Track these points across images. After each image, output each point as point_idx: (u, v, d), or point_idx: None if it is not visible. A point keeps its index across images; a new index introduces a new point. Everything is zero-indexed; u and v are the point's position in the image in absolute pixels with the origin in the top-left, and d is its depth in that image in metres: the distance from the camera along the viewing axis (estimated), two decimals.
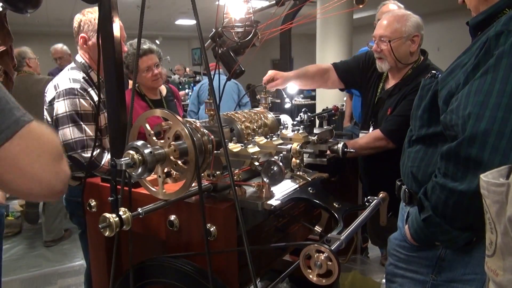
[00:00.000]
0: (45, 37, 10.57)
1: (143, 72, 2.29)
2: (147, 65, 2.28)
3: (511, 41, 0.99)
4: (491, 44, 1.02)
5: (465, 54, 1.16)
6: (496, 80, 1.00)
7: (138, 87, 2.39)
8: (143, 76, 2.30)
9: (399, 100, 1.87)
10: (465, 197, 1.01)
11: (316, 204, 1.23)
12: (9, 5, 1.28)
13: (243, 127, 1.31)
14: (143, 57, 2.27)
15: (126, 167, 0.97)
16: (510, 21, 1.04)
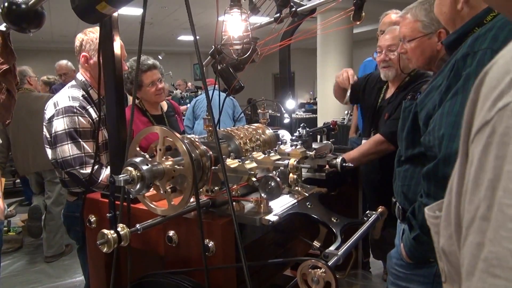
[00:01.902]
0: (49, 54, 10.72)
1: (147, 86, 2.32)
2: (151, 80, 2.32)
3: (476, 62, 1.03)
4: (459, 66, 1.07)
5: (439, 75, 1.20)
6: (465, 100, 1.03)
7: (140, 103, 2.42)
8: (147, 91, 2.33)
9: (397, 105, 1.96)
10: None
11: (314, 219, 1.24)
12: (12, 25, 1.32)
13: (241, 143, 1.33)
14: (147, 72, 2.31)
15: (125, 183, 0.98)
16: (474, 42, 1.09)
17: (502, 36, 1.04)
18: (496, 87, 0.34)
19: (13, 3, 1.28)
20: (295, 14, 1.97)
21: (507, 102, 0.32)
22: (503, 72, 0.34)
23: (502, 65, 0.35)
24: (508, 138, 0.32)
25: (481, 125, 0.35)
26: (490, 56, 1.07)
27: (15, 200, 5.40)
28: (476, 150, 0.35)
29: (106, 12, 1.02)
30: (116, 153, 1.35)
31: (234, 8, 1.33)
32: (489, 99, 0.34)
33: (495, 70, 0.35)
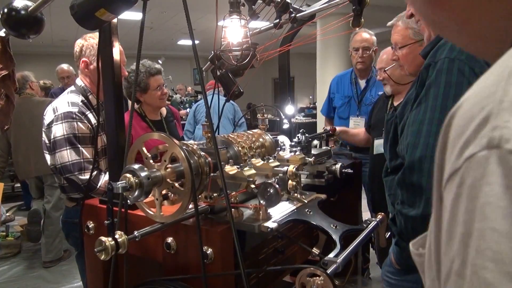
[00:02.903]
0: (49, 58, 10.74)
1: (153, 90, 2.35)
2: (158, 84, 2.36)
3: (436, 72, 1.07)
4: (423, 76, 1.11)
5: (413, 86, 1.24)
6: (427, 109, 1.09)
7: (139, 108, 2.42)
8: (153, 94, 2.36)
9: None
10: (417, 221, 1.08)
11: (313, 226, 1.23)
12: (12, 31, 1.32)
13: (240, 149, 1.32)
14: (155, 76, 2.35)
15: (123, 190, 0.98)
16: (436, 52, 1.13)
17: None
18: (462, 134, 0.33)
19: (13, 9, 1.29)
20: (295, 20, 1.98)
21: (473, 152, 0.31)
22: (468, 118, 0.33)
23: (467, 110, 0.34)
24: (476, 191, 0.31)
25: (451, 173, 0.34)
26: (447, 65, 1.11)
27: (14, 205, 5.39)
28: (448, 198, 0.34)
29: (105, 18, 1.02)
30: (114, 159, 1.35)
31: (234, 14, 1.34)
32: (456, 146, 0.34)
33: (460, 114, 0.35)
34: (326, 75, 6.95)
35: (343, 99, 3.02)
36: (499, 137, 0.30)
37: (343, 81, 3.08)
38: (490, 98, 0.32)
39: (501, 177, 0.29)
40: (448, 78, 1.08)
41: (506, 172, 0.29)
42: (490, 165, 0.30)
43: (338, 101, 3.05)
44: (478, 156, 0.31)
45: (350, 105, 2.97)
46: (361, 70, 2.92)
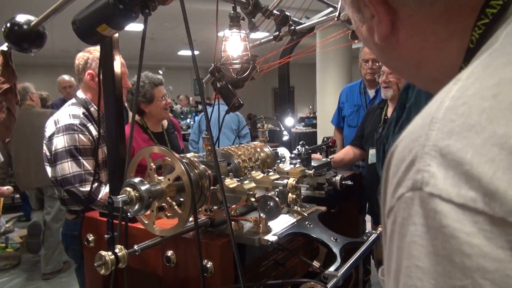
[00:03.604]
0: (50, 68, 10.80)
1: (158, 100, 2.37)
2: (162, 94, 2.39)
3: (415, 93, 1.08)
4: (403, 98, 1.11)
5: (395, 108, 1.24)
6: None
7: (141, 120, 2.43)
8: (158, 104, 2.38)
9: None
10: None
11: (314, 239, 1.23)
12: (14, 45, 1.33)
13: (240, 162, 1.33)
14: (159, 86, 2.38)
15: (123, 204, 0.98)
16: None
17: None
18: (396, 173, 0.35)
19: (15, 24, 1.30)
20: (294, 33, 2.00)
21: (402, 192, 0.33)
22: (401, 159, 0.35)
23: (401, 151, 0.36)
24: (404, 230, 0.33)
25: (388, 210, 0.36)
26: None
27: (13, 216, 5.38)
28: (386, 233, 0.36)
29: (106, 33, 1.03)
30: (115, 172, 1.35)
31: (234, 28, 1.35)
32: (392, 185, 0.36)
33: (396, 154, 0.36)
34: (326, 86, 6.99)
35: (352, 108, 3.09)
36: (420, 180, 0.32)
37: (352, 91, 3.16)
38: (416, 142, 0.34)
39: (423, 217, 0.31)
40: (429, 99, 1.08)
41: (426, 213, 0.31)
42: (414, 206, 0.32)
43: (348, 110, 3.13)
44: (405, 197, 0.33)
45: (359, 114, 3.03)
46: (370, 80, 3.00)
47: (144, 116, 2.43)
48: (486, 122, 0.31)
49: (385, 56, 0.54)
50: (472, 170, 0.30)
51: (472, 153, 0.30)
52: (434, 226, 0.30)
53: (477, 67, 0.36)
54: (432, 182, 0.31)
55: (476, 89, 0.33)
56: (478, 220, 0.29)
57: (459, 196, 0.30)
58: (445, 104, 0.34)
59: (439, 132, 0.33)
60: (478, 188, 0.29)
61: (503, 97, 0.31)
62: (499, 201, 0.28)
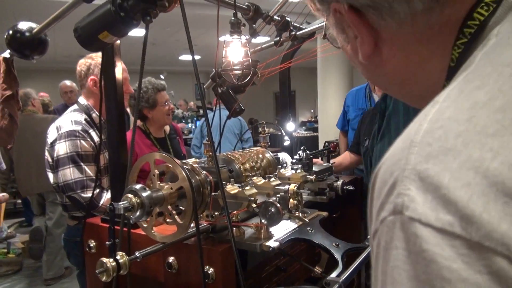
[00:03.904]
0: (52, 73, 10.84)
1: (161, 105, 2.38)
2: (165, 99, 2.40)
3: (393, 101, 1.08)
4: (382, 107, 1.10)
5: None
6: (390, 141, 1.06)
7: (144, 125, 2.44)
8: (161, 109, 2.39)
9: None
10: None
11: (315, 244, 1.23)
12: (16, 52, 1.34)
13: (241, 167, 1.33)
14: (162, 92, 2.39)
15: (125, 211, 0.98)
16: None
17: None
18: (379, 196, 0.36)
19: (17, 31, 1.31)
20: (295, 38, 2.00)
21: (384, 216, 0.34)
22: (383, 181, 0.35)
23: (383, 173, 0.36)
24: (388, 254, 0.33)
25: (373, 232, 0.36)
26: None
27: (15, 221, 5.38)
28: (372, 255, 0.37)
29: (108, 41, 1.04)
30: (116, 178, 1.35)
31: (234, 34, 1.36)
32: (376, 207, 0.36)
33: (379, 176, 0.37)
34: (327, 89, 6.99)
35: (357, 112, 3.10)
36: (401, 203, 0.32)
37: (358, 95, 3.17)
38: (397, 165, 0.34)
39: (404, 242, 0.32)
40: (406, 105, 1.08)
41: (407, 238, 0.31)
42: (396, 230, 0.32)
43: (352, 113, 3.14)
44: (387, 220, 0.34)
45: None
46: None
47: (146, 121, 2.44)
48: (461, 145, 0.31)
49: (369, 74, 0.55)
50: (449, 194, 0.30)
51: (449, 177, 0.30)
52: (415, 251, 0.31)
53: (453, 89, 0.37)
54: (412, 206, 0.31)
55: (451, 113, 0.34)
56: (456, 244, 0.29)
57: (438, 220, 0.30)
58: (423, 127, 0.35)
59: (418, 155, 0.33)
60: (455, 212, 0.29)
61: (477, 121, 0.32)
62: (475, 225, 0.29)
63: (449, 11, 0.43)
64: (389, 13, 0.45)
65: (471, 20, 0.42)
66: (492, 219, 0.28)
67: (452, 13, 0.43)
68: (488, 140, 0.31)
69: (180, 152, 2.56)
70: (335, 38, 0.55)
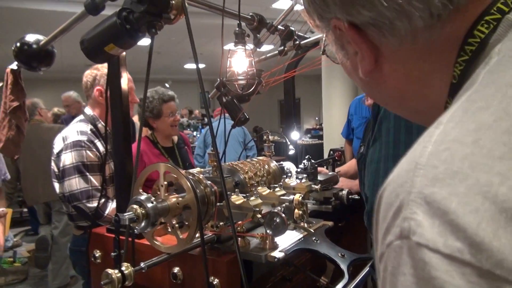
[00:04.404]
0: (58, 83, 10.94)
1: (166, 116, 2.37)
2: (171, 110, 2.38)
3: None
4: (375, 111, 1.08)
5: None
6: (381, 146, 1.06)
7: (152, 135, 2.45)
8: (165, 120, 2.37)
9: None
10: None
11: (321, 255, 1.22)
12: (23, 64, 1.36)
13: (246, 177, 1.33)
14: (168, 102, 2.37)
15: (130, 222, 0.98)
16: None
17: None
18: (384, 219, 0.35)
19: (25, 44, 1.33)
20: (299, 47, 2.01)
21: (391, 240, 0.33)
22: (388, 204, 0.35)
23: (388, 195, 0.35)
24: (395, 279, 0.32)
25: (380, 255, 0.35)
26: None
27: (21, 230, 5.40)
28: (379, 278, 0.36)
29: (113, 53, 1.05)
30: (121, 188, 1.36)
31: (239, 45, 1.36)
32: (381, 230, 0.35)
33: (384, 198, 0.36)
34: (331, 97, 6.99)
35: (361, 120, 3.10)
36: (407, 228, 0.32)
37: (361, 103, 3.16)
38: (402, 187, 0.34)
39: (412, 268, 0.31)
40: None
41: (415, 264, 0.31)
42: (403, 255, 0.32)
43: (356, 121, 3.14)
44: (394, 245, 0.33)
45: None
46: None
47: (154, 131, 2.45)
48: (468, 169, 0.31)
49: (369, 90, 0.55)
50: (457, 220, 0.29)
51: (457, 202, 0.30)
52: (423, 277, 0.30)
53: (457, 110, 0.36)
54: (419, 231, 0.31)
55: (456, 134, 0.33)
56: (466, 272, 0.28)
57: (446, 246, 0.29)
58: (428, 149, 0.34)
59: (424, 178, 0.32)
60: (464, 239, 0.29)
61: (483, 143, 0.31)
62: (485, 253, 0.28)
63: (449, 28, 0.43)
64: (390, 31, 0.45)
65: (472, 37, 0.41)
66: (503, 247, 0.28)
67: (453, 30, 0.43)
68: (495, 163, 0.30)
69: (189, 162, 2.56)
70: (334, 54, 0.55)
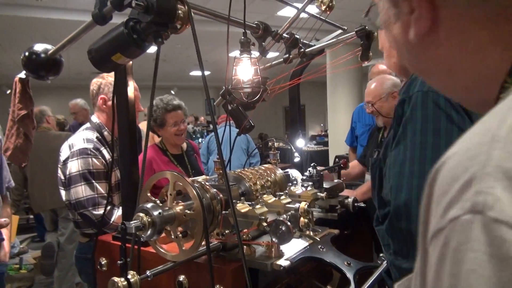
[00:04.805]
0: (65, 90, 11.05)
1: (169, 125, 2.35)
2: (174, 120, 2.36)
3: (411, 107, 1.01)
4: (399, 113, 1.05)
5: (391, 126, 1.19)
6: (406, 148, 1.02)
7: (161, 142, 2.46)
8: (168, 130, 2.36)
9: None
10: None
11: (327, 263, 1.21)
12: (31, 73, 1.37)
13: (251, 185, 1.33)
14: (172, 112, 2.35)
15: (136, 230, 0.98)
16: (409, 87, 1.07)
17: None
18: (446, 192, 0.33)
19: (33, 53, 1.35)
20: (304, 55, 2.02)
21: (457, 214, 0.31)
22: (452, 177, 0.33)
23: (451, 169, 0.33)
24: (461, 255, 0.30)
25: (435, 231, 0.33)
26: (421, 98, 1.04)
27: (27, 236, 5.42)
28: (433, 256, 0.33)
29: (121, 62, 1.06)
30: (128, 196, 1.36)
31: (244, 53, 1.37)
32: (441, 204, 0.33)
33: (445, 171, 0.34)
34: (336, 104, 7.00)
35: (364, 127, 3.09)
36: (482, 203, 0.29)
37: (364, 111, 3.16)
38: (474, 160, 0.31)
39: (485, 245, 0.29)
40: (424, 112, 1.03)
41: (490, 241, 0.28)
42: (474, 230, 0.29)
43: (360, 129, 3.14)
44: (462, 220, 0.30)
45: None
46: None
47: (162, 138, 2.46)
48: None
49: (414, 57, 0.50)
50: None
51: None
52: (500, 256, 0.28)
53: None
54: (497, 207, 0.28)
55: None
56: None
57: None
58: (508, 121, 0.32)
59: (503, 152, 0.30)
60: None
61: None
62: None
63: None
64: None
65: None
66: None
67: None
68: None
69: (199, 169, 2.56)
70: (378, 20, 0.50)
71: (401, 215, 0.99)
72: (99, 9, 1.09)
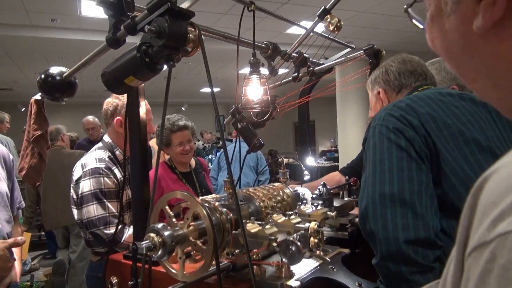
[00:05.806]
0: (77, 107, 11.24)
1: (174, 145, 2.39)
2: (180, 140, 2.38)
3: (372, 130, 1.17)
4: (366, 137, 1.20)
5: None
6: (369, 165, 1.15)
7: (169, 160, 2.48)
8: (174, 149, 2.39)
9: None
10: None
11: (338, 283, 1.20)
12: (47, 95, 1.41)
13: (261, 205, 1.33)
14: (177, 132, 2.38)
15: (147, 250, 0.99)
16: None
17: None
18: (496, 204, 0.30)
19: (49, 75, 1.39)
20: (313, 73, 2.04)
21: (508, 229, 0.28)
22: (504, 188, 0.30)
23: (503, 179, 0.31)
24: (510, 274, 0.27)
25: (479, 244, 0.31)
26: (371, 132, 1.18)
27: (39, 253, 5.46)
28: (472, 271, 0.31)
29: (133, 84, 1.09)
30: (139, 216, 1.38)
31: (254, 74, 1.40)
32: (488, 216, 0.30)
33: (495, 181, 0.31)
34: (346, 120, 7.00)
35: None
36: None
37: None
38: None
39: None
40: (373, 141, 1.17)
41: None
42: None
43: None
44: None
45: None
46: None
47: (170, 156, 2.49)
48: None
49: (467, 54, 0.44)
50: None
51: None
52: None
53: None
54: None
55: None
56: None
57: None
58: None
59: None
60: None
61: None
62: None
63: None
64: None
65: None
66: None
67: None
68: None
69: (207, 187, 2.57)
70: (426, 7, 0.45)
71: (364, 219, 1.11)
72: (113, 34, 1.12)
